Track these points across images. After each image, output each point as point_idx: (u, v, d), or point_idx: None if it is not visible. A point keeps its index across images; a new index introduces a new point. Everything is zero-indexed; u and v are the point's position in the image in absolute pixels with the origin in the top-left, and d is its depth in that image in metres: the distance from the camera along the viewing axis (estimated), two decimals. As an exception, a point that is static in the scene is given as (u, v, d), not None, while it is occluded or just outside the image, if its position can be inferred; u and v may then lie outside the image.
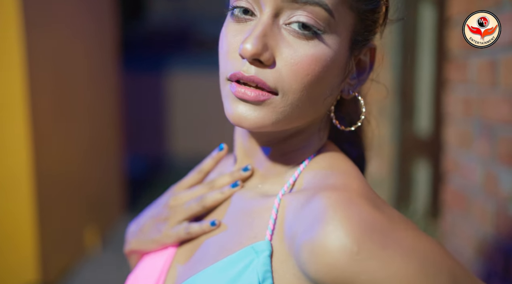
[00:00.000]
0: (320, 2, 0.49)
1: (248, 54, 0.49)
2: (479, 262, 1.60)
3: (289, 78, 0.50)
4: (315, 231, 0.48)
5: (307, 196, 0.53)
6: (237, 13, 0.53)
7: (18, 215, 2.70)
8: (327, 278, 0.47)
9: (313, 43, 0.51)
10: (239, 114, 0.52)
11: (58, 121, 3.09)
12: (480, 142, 1.57)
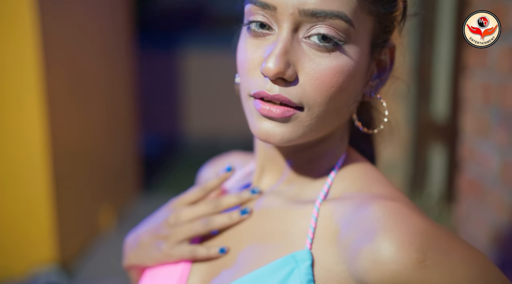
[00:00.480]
0: (339, 14, 0.48)
1: (271, 74, 0.48)
2: (493, 251, 1.59)
3: (314, 92, 0.50)
4: (377, 239, 0.48)
5: (355, 205, 0.53)
6: (254, 28, 0.52)
7: (34, 195, 2.74)
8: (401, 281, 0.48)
9: (335, 54, 0.49)
10: (266, 131, 0.52)
11: (73, 100, 3.11)
12: (498, 130, 1.53)
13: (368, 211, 0.51)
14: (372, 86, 0.58)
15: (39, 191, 2.73)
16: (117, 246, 3.69)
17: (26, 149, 2.67)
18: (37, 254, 2.81)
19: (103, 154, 3.73)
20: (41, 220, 2.76)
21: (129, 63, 4.33)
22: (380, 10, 0.52)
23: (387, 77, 0.60)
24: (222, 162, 0.81)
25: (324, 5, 0.47)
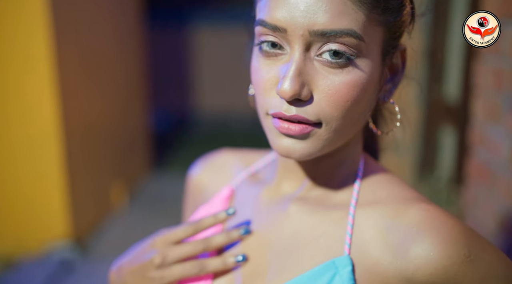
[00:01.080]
0: (349, 31, 0.48)
1: (287, 96, 0.49)
2: (500, 236, 1.60)
3: (330, 108, 0.51)
4: (427, 239, 0.53)
5: (393, 209, 0.57)
6: (266, 48, 0.53)
7: (47, 173, 2.79)
8: (440, 279, 0.52)
9: (347, 70, 0.50)
10: (286, 148, 0.53)
11: (85, 78, 3.13)
12: (508, 116, 1.53)
13: (409, 214, 0.55)
14: (386, 90, 0.59)
15: (51, 168, 2.78)
16: (129, 223, 3.77)
17: (38, 126, 2.71)
18: (51, 230, 2.88)
19: (114, 131, 3.77)
20: (54, 196, 2.82)
21: (140, 40, 4.33)
22: (389, 20, 0.53)
23: (400, 79, 0.61)
24: (214, 161, 0.79)
25: (333, 25, 0.48)
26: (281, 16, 0.49)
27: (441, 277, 0.52)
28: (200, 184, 0.78)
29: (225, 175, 0.75)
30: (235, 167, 0.75)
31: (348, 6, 0.48)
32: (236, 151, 0.79)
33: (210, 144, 6.72)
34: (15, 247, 2.85)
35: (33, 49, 2.57)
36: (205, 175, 0.78)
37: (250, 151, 0.78)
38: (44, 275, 2.62)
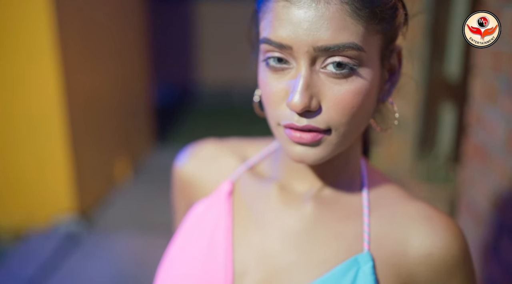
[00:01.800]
0: (350, 44, 0.51)
1: (298, 109, 0.52)
2: (492, 216, 1.64)
3: (338, 115, 0.54)
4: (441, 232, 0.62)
5: (405, 210, 0.64)
6: (273, 64, 0.55)
7: (52, 149, 2.84)
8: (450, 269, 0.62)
9: (351, 79, 0.53)
10: (300, 154, 0.56)
11: (87, 52, 3.14)
12: (505, 98, 1.54)
13: (418, 210, 0.63)
14: (385, 90, 0.62)
15: (56, 144, 2.82)
16: (134, 197, 3.83)
17: (42, 102, 2.74)
18: (57, 204, 2.94)
19: (117, 105, 3.79)
20: (59, 171, 2.88)
21: (142, 13, 4.30)
22: (386, 27, 0.55)
23: (397, 78, 0.64)
24: (203, 153, 0.77)
25: (335, 40, 0.51)
26: (286, 35, 0.52)
27: (450, 264, 0.61)
28: (191, 177, 0.76)
29: (219, 168, 0.74)
30: (230, 160, 0.74)
31: (347, 21, 0.51)
32: (223, 142, 0.78)
33: (213, 117, 6.74)
34: (23, 221, 2.93)
35: (35, 25, 2.58)
36: (195, 168, 0.76)
37: (238, 142, 0.78)
38: (51, 247, 2.70)
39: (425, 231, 0.61)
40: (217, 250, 0.66)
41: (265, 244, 0.64)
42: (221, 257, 0.65)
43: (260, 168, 0.72)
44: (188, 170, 0.76)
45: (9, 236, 2.90)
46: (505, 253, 1.54)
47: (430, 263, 0.61)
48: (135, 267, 2.63)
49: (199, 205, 0.73)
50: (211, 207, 0.70)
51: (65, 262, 2.63)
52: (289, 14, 0.51)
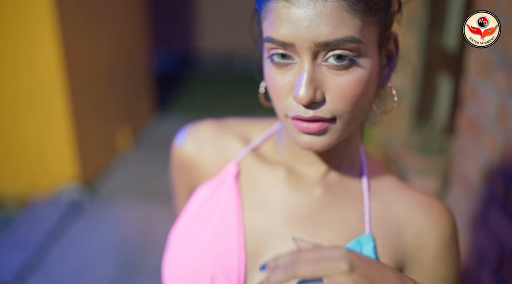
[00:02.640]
0: (349, 38, 0.54)
1: (304, 102, 0.55)
2: (482, 186, 1.70)
3: (341, 104, 0.57)
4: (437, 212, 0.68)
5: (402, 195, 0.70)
6: (277, 60, 0.58)
7: (54, 117, 2.88)
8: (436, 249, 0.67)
9: (352, 70, 0.56)
10: (308, 143, 0.60)
11: (86, 22, 3.13)
12: (499, 73, 1.57)
13: (414, 195, 0.70)
14: (384, 75, 0.65)
15: (58, 114, 2.86)
16: (135, 165, 3.89)
17: (43, 71, 2.76)
18: (60, 172, 3.00)
19: (118, 75, 3.81)
20: (62, 141, 2.92)
21: (141, -19, 4.26)
22: (381, 17, 0.58)
23: (395, 63, 0.66)
24: (204, 134, 0.77)
25: (335, 35, 0.54)
26: (288, 33, 0.55)
27: (438, 244, 0.66)
28: (193, 157, 0.76)
29: (222, 149, 0.75)
30: (233, 141, 0.75)
31: (345, 17, 0.54)
32: (223, 123, 0.78)
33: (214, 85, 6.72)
34: (27, 189, 3.00)
35: None
36: (197, 148, 0.76)
37: (239, 123, 0.79)
38: (56, 215, 2.77)
39: (419, 215, 0.67)
40: (229, 232, 0.68)
41: (275, 227, 0.68)
42: (233, 239, 0.68)
43: (263, 150, 0.75)
44: (189, 150, 0.76)
45: (14, 204, 2.98)
46: (493, 224, 1.61)
47: (421, 243, 0.66)
48: (137, 233, 2.71)
49: (206, 186, 0.74)
50: (219, 189, 0.72)
51: (69, 228, 2.71)
52: (289, 14, 0.54)
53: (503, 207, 1.53)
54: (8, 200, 3.00)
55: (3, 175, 3.02)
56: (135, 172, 3.58)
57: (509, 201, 1.50)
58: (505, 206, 1.52)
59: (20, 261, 2.35)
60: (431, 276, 0.68)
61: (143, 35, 4.48)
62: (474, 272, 1.76)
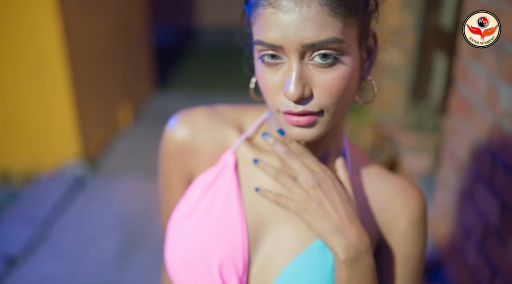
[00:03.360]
0: (332, 39, 0.59)
1: (294, 98, 0.60)
2: (470, 164, 1.76)
3: (327, 98, 0.62)
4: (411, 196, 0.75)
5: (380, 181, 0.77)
6: (267, 60, 0.63)
7: (56, 97, 2.93)
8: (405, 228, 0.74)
9: (335, 67, 0.61)
10: (299, 135, 0.65)
11: (87, 4, 3.15)
12: (489, 55, 1.61)
13: (391, 181, 0.77)
14: (365, 69, 0.70)
15: (60, 91, 2.91)
16: (135, 141, 3.96)
17: (44, 51, 2.80)
18: (63, 149, 3.07)
19: (118, 52, 3.83)
20: (64, 118, 2.98)
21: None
22: (360, 17, 0.63)
23: (375, 57, 0.71)
24: (198, 121, 0.78)
25: (319, 37, 0.59)
26: (276, 37, 0.60)
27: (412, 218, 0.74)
28: (188, 145, 0.78)
29: (217, 137, 0.77)
30: (227, 130, 0.78)
31: (327, 20, 0.59)
32: (216, 111, 0.80)
33: (214, 62, 6.72)
34: (32, 165, 3.08)
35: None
36: (192, 135, 0.77)
37: (231, 110, 0.81)
38: (60, 190, 2.86)
39: (395, 198, 0.75)
40: (232, 220, 0.73)
41: (272, 212, 0.74)
42: (236, 226, 0.72)
43: (256, 139, 0.78)
44: (184, 136, 0.77)
45: (19, 179, 3.06)
46: (479, 200, 1.68)
47: (394, 221, 0.74)
48: (138, 207, 2.80)
49: (205, 175, 0.77)
50: (218, 178, 0.76)
51: (72, 203, 2.80)
52: (277, 19, 0.59)
53: (489, 185, 1.60)
54: (14, 176, 3.08)
55: (8, 152, 3.09)
56: (136, 148, 3.65)
57: (494, 179, 1.56)
58: (491, 184, 1.59)
59: (28, 235, 2.44)
60: (400, 250, 0.75)
61: (142, 10, 4.48)
62: (461, 245, 1.84)
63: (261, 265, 0.73)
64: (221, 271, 0.71)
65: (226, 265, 0.71)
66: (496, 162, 1.55)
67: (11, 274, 2.21)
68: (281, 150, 0.72)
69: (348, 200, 0.69)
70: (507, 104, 1.49)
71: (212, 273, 0.71)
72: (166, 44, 7.07)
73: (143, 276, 2.24)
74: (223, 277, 0.71)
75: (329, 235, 0.67)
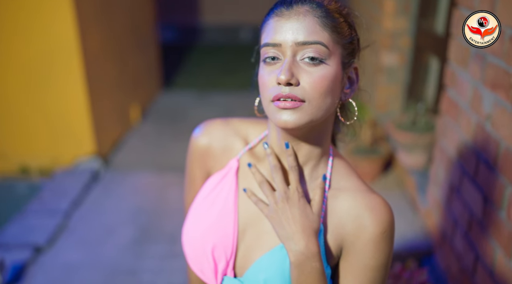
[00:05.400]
0: (319, 41, 0.77)
1: (283, 81, 0.77)
2: (457, 163, 1.95)
3: (311, 90, 0.78)
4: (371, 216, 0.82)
5: (354, 196, 0.85)
6: (268, 61, 0.81)
7: (73, 99, 3.12)
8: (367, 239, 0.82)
9: (321, 67, 0.79)
10: (284, 120, 0.78)
11: (102, 13, 3.32)
12: (474, 64, 1.80)
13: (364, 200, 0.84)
14: (346, 93, 0.87)
15: (77, 95, 3.09)
16: (143, 138, 4.15)
17: (62, 52, 3.00)
18: (80, 147, 3.27)
19: (130, 54, 4.01)
20: (81, 118, 3.17)
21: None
22: (343, 41, 0.81)
23: (355, 89, 0.88)
24: (216, 132, 0.96)
25: (309, 38, 0.77)
26: (277, 37, 0.79)
27: (369, 237, 0.82)
28: (206, 150, 0.97)
29: (228, 147, 0.96)
30: (236, 141, 0.96)
31: (317, 28, 0.78)
32: (229, 123, 0.98)
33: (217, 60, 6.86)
34: (50, 163, 3.27)
35: None
36: (209, 143, 0.96)
37: (241, 123, 0.98)
38: (78, 184, 3.05)
39: (364, 213, 0.83)
40: (228, 215, 0.91)
41: (259, 212, 0.90)
42: (230, 219, 0.90)
43: (256, 149, 0.96)
44: (203, 143, 0.97)
45: (37, 174, 3.25)
46: (464, 194, 1.87)
47: (359, 233, 0.82)
48: (149, 199, 2.99)
49: (214, 176, 0.95)
50: (223, 179, 0.94)
51: (89, 197, 2.99)
52: (281, 26, 0.79)
53: (473, 180, 1.79)
54: (33, 171, 3.28)
55: (28, 150, 3.28)
56: (144, 142, 3.84)
57: (478, 175, 1.76)
58: (475, 180, 1.78)
59: (51, 226, 2.63)
60: (359, 259, 0.83)
61: (151, 11, 4.65)
62: (450, 235, 2.04)
63: (244, 253, 0.89)
64: (214, 252, 0.90)
65: (218, 249, 0.89)
66: (479, 160, 1.75)
67: (38, 261, 2.40)
68: (272, 162, 0.87)
69: (307, 215, 0.83)
70: (489, 108, 1.68)
71: (207, 253, 0.90)
72: (169, 42, 7.23)
73: (158, 264, 2.43)
74: (215, 257, 0.90)
75: (285, 240, 0.82)
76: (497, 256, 1.60)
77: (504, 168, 1.55)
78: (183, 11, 7.50)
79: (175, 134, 4.07)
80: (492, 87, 1.66)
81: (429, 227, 2.34)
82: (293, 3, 0.80)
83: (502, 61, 1.57)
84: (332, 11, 0.80)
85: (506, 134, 1.55)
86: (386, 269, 0.85)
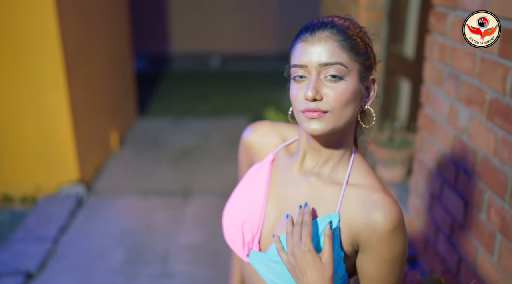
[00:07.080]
0: (338, 62, 0.91)
1: (309, 98, 0.90)
2: (437, 173, 2.12)
3: (333, 102, 0.91)
4: (381, 212, 0.91)
5: (368, 193, 0.94)
6: (297, 79, 0.94)
7: (57, 124, 3.16)
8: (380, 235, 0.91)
9: (341, 83, 0.92)
10: (313, 128, 0.91)
11: (84, 37, 3.40)
12: (448, 83, 1.99)
13: (375, 197, 0.93)
14: (365, 101, 1.00)
15: (61, 119, 3.13)
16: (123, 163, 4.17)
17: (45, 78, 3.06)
18: (63, 175, 3.29)
19: (110, 82, 4.08)
20: (64, 145, 3.20)
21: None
22: (360, 58, 0.94)
23: (373, 97, 1.01)
24: (261, 130, 1.14)
25: (330, 59, 0.90)
26: (304, 60, 0.92)
27: (380, 234, 0.91)
28: (252, 145, 1.14)
29: (269, 142, 1.12)
30: (275, 138, 1.12)
31: (337, 51, 0.91)
32: (273, 124, 1.15)
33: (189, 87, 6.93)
34: (33, 191, 3.27)
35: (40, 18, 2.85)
36: (255, 139, 1.14)
37: (284, 126, 1.15)
38: (64, 210, 3.05)
39: (377, 210, 0.91)
40: (259, 197, 1.06)
41: (284, 199, 1.04)
42: (260, 203, 1.06)
43: (291, 147, 1.12)
44: (251, 139, 1.15)
45: (20, 202, 3.23)
46: (446, 201, 2.03)
47: (373, 228, 0.91)
48: (134, 222, 3.02)
49: (254, 167, 1.12)
50: (261, 169, 1.10)
51: (75, 222, 3.00)
52: (306, 49, 0.92)
53: (454, 188, 1.95)
54: (15, 199, 3.25)
55: (9, 178, 3.26)
56: (123, 166, 3.87)
57: (458, 183, 1.92)
58: (455, 187, 1.94)
59: (40, 252, 2.63)
60: (375, 253, 0.93)
61: (127, 39, 4.74)
62: (433, 240, 2.19)
63: (267, 233, 1.05)
64: (243, 227, 1.05)
65: (246, 224, 1.05)
66: (459, 169, 1.91)
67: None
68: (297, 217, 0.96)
69: (317, 267, 0.91)
70: (465, 122, 1.86)
71: (237, 227, 1.06)
72: (141, 70, 7.29)
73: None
74: (243, 232, 1.05)
75: None
76: (479, 254, 1.75)
77: (483, 174, 1.72)
78: (154, 40, 7.61)
79: (155, 159, 4.12)
80: (467, 103, 1.84)
81: (412, 235, 2.48)
82: (316, 30, 0.93)
83: (475, 79, 1.76)
84: (350, 34, 0.94)
85: (483, 144, 1.72)
86: (403, 258, 0.96)
